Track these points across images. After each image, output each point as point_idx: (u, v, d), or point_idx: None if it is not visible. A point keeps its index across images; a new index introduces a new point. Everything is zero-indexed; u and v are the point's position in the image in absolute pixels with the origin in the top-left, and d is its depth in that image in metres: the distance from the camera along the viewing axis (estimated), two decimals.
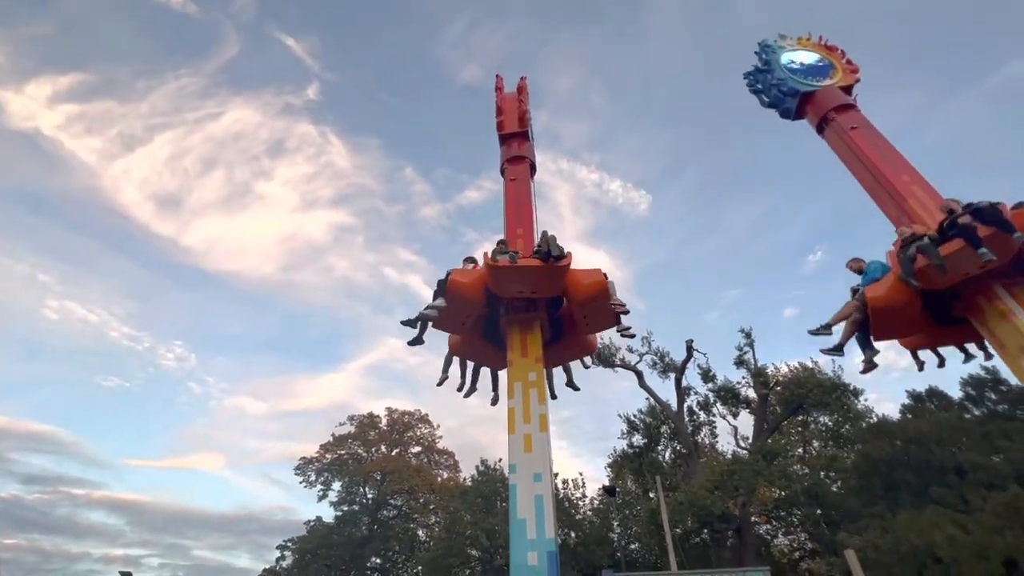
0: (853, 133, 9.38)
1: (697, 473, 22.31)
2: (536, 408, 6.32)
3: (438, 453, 43.22)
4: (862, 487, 19.03)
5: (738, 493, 19.50)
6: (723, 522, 19.20)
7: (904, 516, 14.60)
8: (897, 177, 8.40)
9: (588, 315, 7.37)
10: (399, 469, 38.40)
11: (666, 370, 26.02)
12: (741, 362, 24.48)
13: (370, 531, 37.55)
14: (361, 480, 39.49)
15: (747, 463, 20.34)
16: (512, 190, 9.68)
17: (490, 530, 24.80)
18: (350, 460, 41.07)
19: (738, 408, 25.04)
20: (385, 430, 43.03)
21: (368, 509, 39.09)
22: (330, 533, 36.29)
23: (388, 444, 42.35)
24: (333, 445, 41.26)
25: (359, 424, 42.41)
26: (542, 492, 5.51)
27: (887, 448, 17.73)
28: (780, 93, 11.05)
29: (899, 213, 8.25)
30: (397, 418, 43.67)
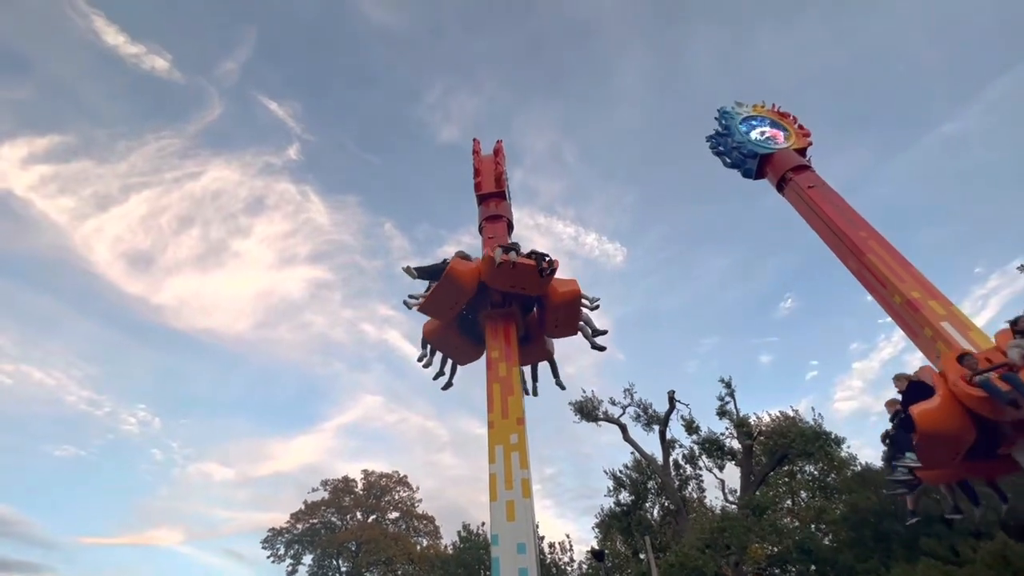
0: (811, 192, 9.98)
1: (687, 530, 21.58)
2: (518, 473, 6.14)
3: (417, 519, 40.93)
4: (853, 540, 18.65)
5: (730, 552, 18.85)
6: None
7: (898, 571, 14.28)
8: (855, 233, 8.87)
9: (560, 320, 8.13)
10: (375, 538, 36.09)
11: (650, 422, 25.71)
12: (723, 412, 24.42)
13: None
14: (334, 551, 36.88)
15: (737, 519, 19.83)
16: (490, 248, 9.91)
17: None
18: (323, 529, 38.51)
19: (723, 460, 24.70)
20: (361, 495, 40.78)
21: None
22: None
23: (364, 510, 40.02)
24: (305, 513, 38.79)
25: (333, 489, 40.18)
26: (526, 565, 5.26)
27: (873, 497, 17.60)
28: (741, 155, 11.79)
29: (859, 266, 8.66)
30: (374, 481, 41.54)
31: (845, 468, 23.91)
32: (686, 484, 26.10)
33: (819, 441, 21.89)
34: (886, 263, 8.23)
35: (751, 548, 19.45)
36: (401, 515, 41.04)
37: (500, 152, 12.33)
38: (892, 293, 7.91)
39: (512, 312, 8.12)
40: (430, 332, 8.49)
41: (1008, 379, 5.32)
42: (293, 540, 37.87)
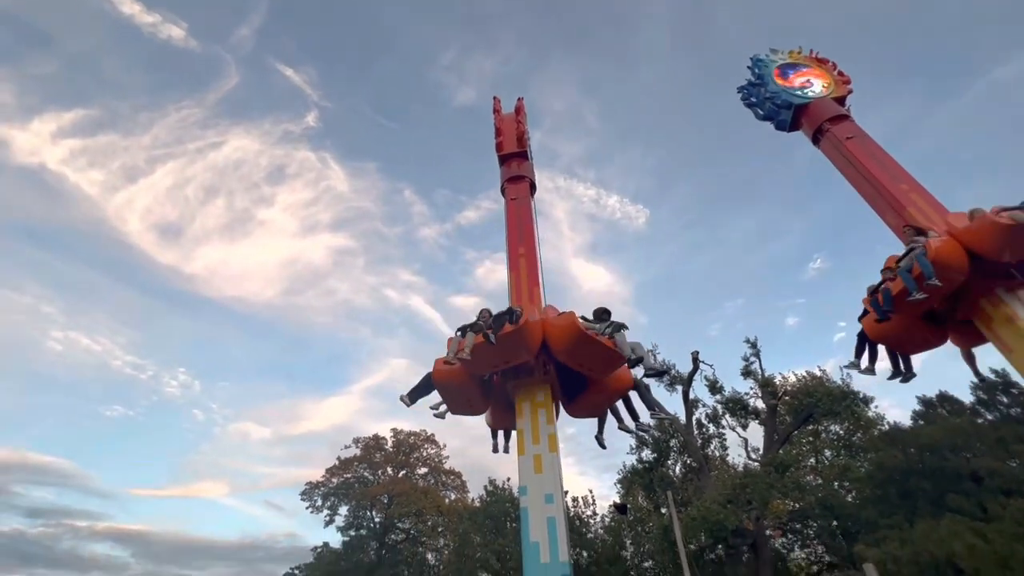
0: (849, 144, 9.50)
1: (709, 487, 22.02)
2: (544, 428, 6.32)
3: (445, 474, 42.75)
4: (877, 497, 18.74)
5: (751, 507, 19.22)
6: (737, 537, 18.89)
7: (922, 526, 14.36)
8: (895, 186, 8.47)
9: (584, 363, 6.76)
10: (406, 492, 37.97)
11: (672, 383, 25.88)
12: (748, 372, 24.36)
13: (378, 556, 36.97)
14: (368, 504, 39.04)
15: (759, 475, 20.09)
16: (513, 210, 9.80)
17: (500, 551, 24.42)
18: (356, 484, 40.65)
19: (747, 419, 24.82)
20: (391, 452, 42.66)
21: (376, 533, 38.56)
22: (338, 559, 35.76)
23: (394, 466, 41.94)
24: (339, 469, 40.91)
25: (364, 447, 42.10)
26: (554, 514, 5.49)
27: (900, 456, 17.52)
28: (774, 106, 11.22)
29: (899, 221, 8.31)
30: (403, 439, 43.32)
31: (872, 428, 23.77)
32: (708, 443, 26.43)
33: (846, 400, 21.74)
34: (928, 217, 7.88)
35: (773, 504, 19.77)
36: (429, 471, 42.92)
37: (521, 110, 12.03)
38: None
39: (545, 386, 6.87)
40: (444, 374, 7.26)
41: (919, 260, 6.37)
42: (329, 493, 40.12)
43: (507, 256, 8.99)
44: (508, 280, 8.72)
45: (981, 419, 18.00)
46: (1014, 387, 17.77)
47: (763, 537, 20.39)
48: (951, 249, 6.51)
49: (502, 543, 24.70)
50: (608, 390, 6.98)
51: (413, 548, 37.86)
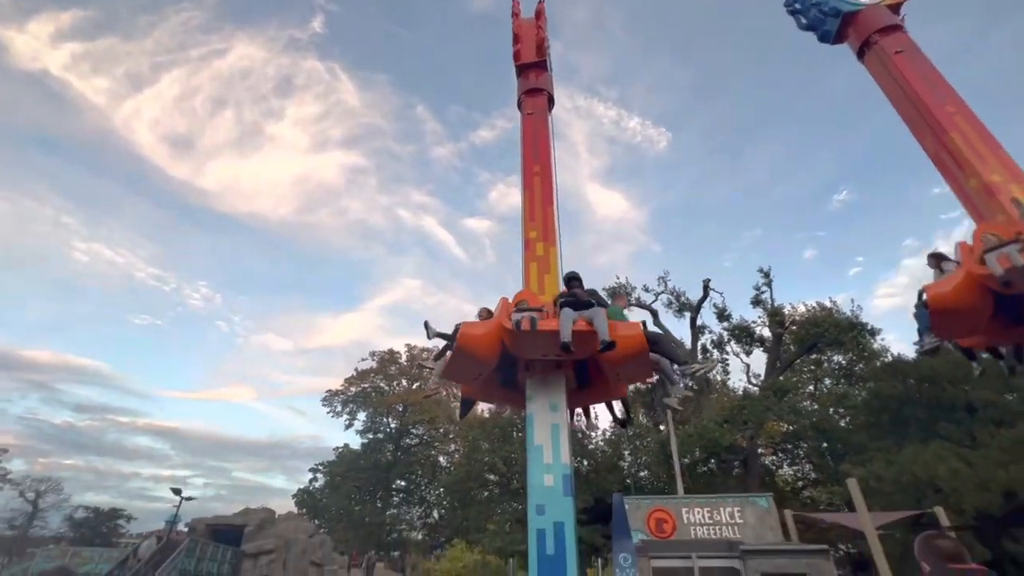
0: (897, 58, 8.71)
1: (708, 408, 23.05)
2: None
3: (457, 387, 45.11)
4: (871, 423, 19.53)
5: (747, 427, 20.21)
6: (730, 453, 20.08)
7: (910, 449, 15.08)
8: (940, 108, 7.87)
9: (621, 373, 6.27)
10: (419, 401, 40.37)
11: (681, 309, 26.22)
12: (758, 301, 24.48)
13: (394, 457, 40.22)
14: (384, 411, 41.76)
15: (757, 399, 20.91)
16: (529, 125, 9.38)
17: (507, 457, 26.36)
18: (373, 393, 43.21)
19: (752, 347, 25.37)
20: (405, 365, 44.78)
21: (392, 437, 41.63)
22: (357, 458, 38.99)
23: (408, 378, 44.24)
24: (357, 379, 43.32)
25: (380, 360, 44.20)
26: (558, 421, 5.82)
27: (899, 386, 17.98)
28: (820, 13, 10.21)
29: (938, 148, 7.83)
30: (417, 354, 45.23)
31: (875, 359, 24.21)
32: None
33: (853, 331, 21.97)
34: (970, 143, 7.39)
35: (768, 425, 20.76)
36: None
37: (542, 15, 11.08)
38: (969, 176, 7.23)
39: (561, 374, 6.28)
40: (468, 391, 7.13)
41: None
42: (348, 400, 42.85)
43: (521, 174, 8.76)
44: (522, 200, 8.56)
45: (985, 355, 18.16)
46: None
47: (755, 454, 21.64)
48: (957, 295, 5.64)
49: (508, 450, 26.59)
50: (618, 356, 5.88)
51: (426, 451, 41.00)
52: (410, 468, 39.41)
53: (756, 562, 11.56)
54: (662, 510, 13.13)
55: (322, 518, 36.11)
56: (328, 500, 37.43)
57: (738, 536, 12.61)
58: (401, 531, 38.48)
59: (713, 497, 13.81)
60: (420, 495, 39.78)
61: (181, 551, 18.75)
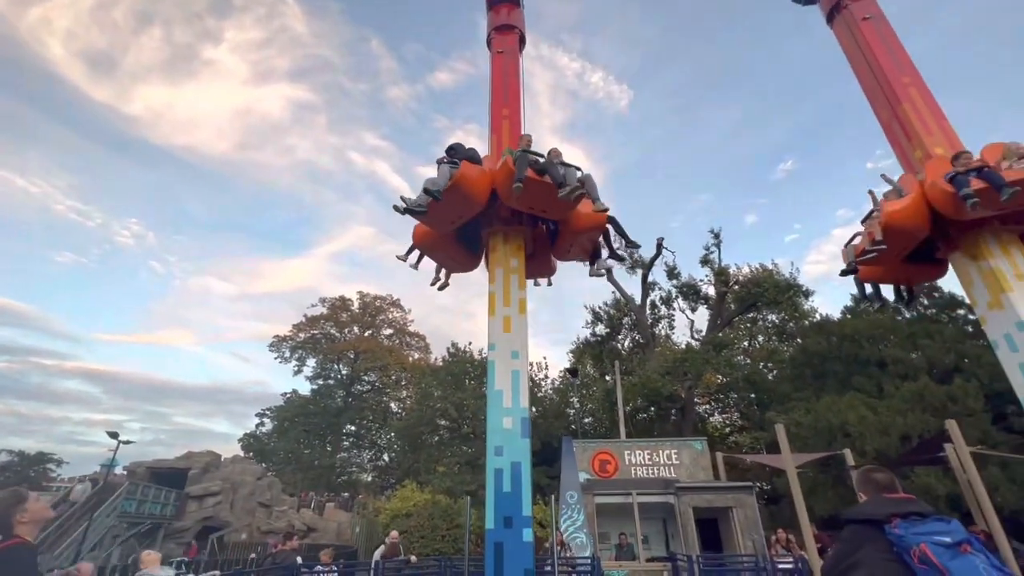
0: (864, 24, 8.82)
1: (652, 360, 24.30)
2: (516, 293, 6.51)
3: (409, 335, 45.07)
4: (795, 375, 21.32)
5: (687, 378, 21.56)
6: (669, 402, 21.46)
7: (827, 399, 16.64)
8: (897, 77, 8.12)
9: (574, 246, 7.16)
10: (372, 349, 40.16)
11: (634, 266, 26.97)
12: (706, 261, 25.52)
13: (345, 403, 40.23)
14: (335, 357, 41.27)
15: (698, 352, 22.23)
16: (499, 64, 8.90)
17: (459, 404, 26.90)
18: (323, 339, 42.46)
19: (697, 304, 26.70)
20: (357, 312, 44.05)
21: (343, 383, 41.46)
22: (307, 404, 38.70)
23: (361, 326, 43.69)
24: (306, 325, 42.28)
25: (331, 306, 43.18)
26: (519, 368, 5.91)
27: (824, 343, 19.56)
28: None
29: (890, 117, 8.14)
30: (369, 302, 44.54)
31: (804, 318, 26.16)
32: (658, 322, 28.58)
33: (789, 292, 23.48)
34: (920, 115, 7.73)
35: (705, 377, 22.22)
36: (395, 332, 45.06)
37: None
38: (915, 147, 7.60)
39: (521, 231, 6.94)
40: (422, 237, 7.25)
41: (987, 176, 6.05)
42: (297, 346, 41.92)
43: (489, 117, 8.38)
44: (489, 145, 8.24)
45: (901, 316, 20.01)
46: (936, 291, 19.54)
47: (691, 404, 23.27)
48: (907, 215, 6.57)
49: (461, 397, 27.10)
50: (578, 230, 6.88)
51: (378, 398, 41.25)
52: (361, 414, 39.64)
53: (688, 497, 12.62)
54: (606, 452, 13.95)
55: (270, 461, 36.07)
56: (276, 444, 37.25)
57: (674, 476, 13.64)
58: (351, 473, 39.12)
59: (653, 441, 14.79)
60: (371, 439, 40.34)
61: (120, 493, 18.22)
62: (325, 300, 43.53)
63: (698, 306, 26.81)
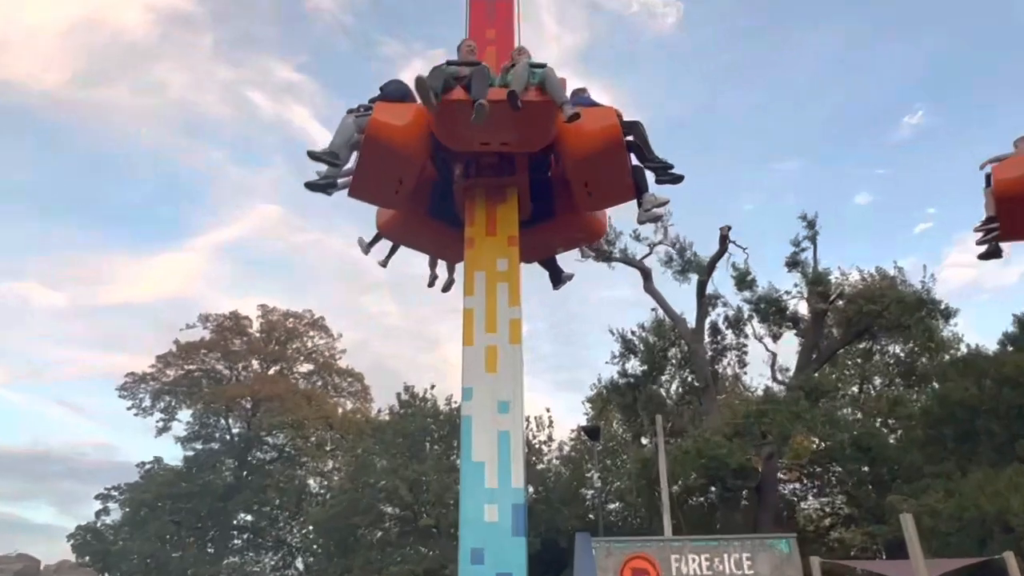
0: None
1: (713, 413, 24.37)
2: (505, 311, 6.50)
3: (339, 374, 44.87)
4: (929, 439, 21.50)
5: (765, 441, 21.64)
6: (739, 478, 21.50)
7: (978, 475, 16.79)
8: None
9: (591, 182, 6.93)
10: (280, 394, 39.83)
11: (685, 269, 27.12)
12: (795, 263, 25.70)
13: (237, 478, 39.77)
14: (222, 408, 40.86)
15: (783, 402, 22.33)
16: None
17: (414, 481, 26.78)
18: (204, 379, 42.06)
19: (782, 328, 26.82)
20: (257, 338, 43.78)
21: (234, 448, 41.02)
22: (177, 479, 38.19)
23: (263, 359, 43.39)
24: (178, 357, 41.87)
25: (217, 328, 42.87)
26: (509, 427, 5.88)
27: (973, 390, 19.78)
28: None
29: None
30: (276, 321, 44.31)
31: (944, 351, 26.43)
32: (722, 355, 28.72)
33: (921, 311, 23.72)
34: None
35: (794, 439, 22.32)
36: (316, 368, 44.83)
37: None
38: None
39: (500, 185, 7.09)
40: (386, 224, 7.84)
41: None
42: (163, 390, 41.47)
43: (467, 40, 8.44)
44: None
45: None
46: None
47: (772, 480, 23.35)
48: None
49: (418, 470, 26.97)
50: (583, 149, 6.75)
51: (289, 470, 40.81)
52: (262, 495, 39.23)
53: None
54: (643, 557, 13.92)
55: (117, 570, 35.40)
56: (128, 543, 36.67)
57: None
58: None
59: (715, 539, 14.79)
60: (277, 535, 39.91)
61: None
62: (208, 318, 43.19)
63: (783, 331, 26.94)
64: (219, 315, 43.50)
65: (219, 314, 43.57)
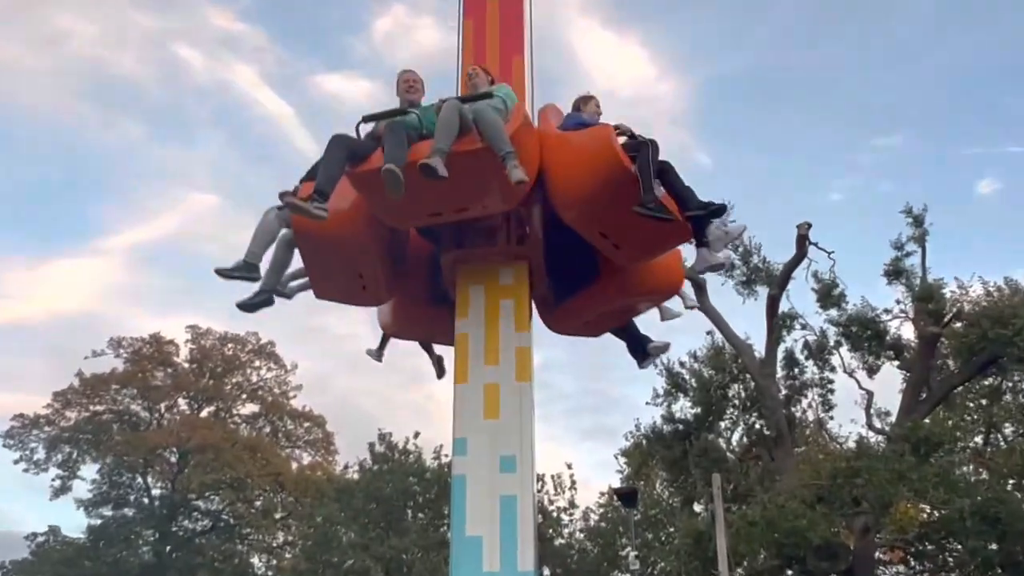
0: None
1: (789, 472, 24.22)
2: (511, 337, 6.53)
3: (293, 417, 44.89)
4: None
5: (860, 510, 21.48)
6: (824, 558, 21.37)
7: None
8: None
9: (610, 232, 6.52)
10: (215, 444, 39.82)
11: (751, 280, 27.08)
12: (896, 272, 25.60)
13: (158, 555, 39.74)
14: (139, 462, 40.95)
15: (882, 458, 22.17)
16: None
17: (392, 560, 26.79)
18: (116, 424, 42.17)
19: (880, 358, 26.68)
20: (187, 369, 43.91)
21: (154, 515, 41.01)
22: (79, 556, 38.26)
23: (193, 397, 43.49)
24: (81, 394, 42.00)
25: (134, 356, 43.03)
26: (514, 490, 5.91)
27: None
28: None
29: None
30: (210, 349, 44.42)
31: None
32: (801, 394, 28.56)
33: None
34: None
35: (897, 507, 22.15)
36: (263, 410, 44.81)
37: None
38: None
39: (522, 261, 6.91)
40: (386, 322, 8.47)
41: None
42: (61, 438, 41.53)
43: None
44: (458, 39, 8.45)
45: None
46: None
47: (869, 560, 23.16)
48: None
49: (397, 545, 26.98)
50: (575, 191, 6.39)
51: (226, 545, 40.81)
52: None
53: None
54: None
55: None
56: None
57: None
58: None
59: None
60: None
61: None
62: (121, 343, 43.40)
63: (881, 363, 26.82)
64: (136, 339, 43.68)
65: (136, 338, 43.78)
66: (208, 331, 44.75)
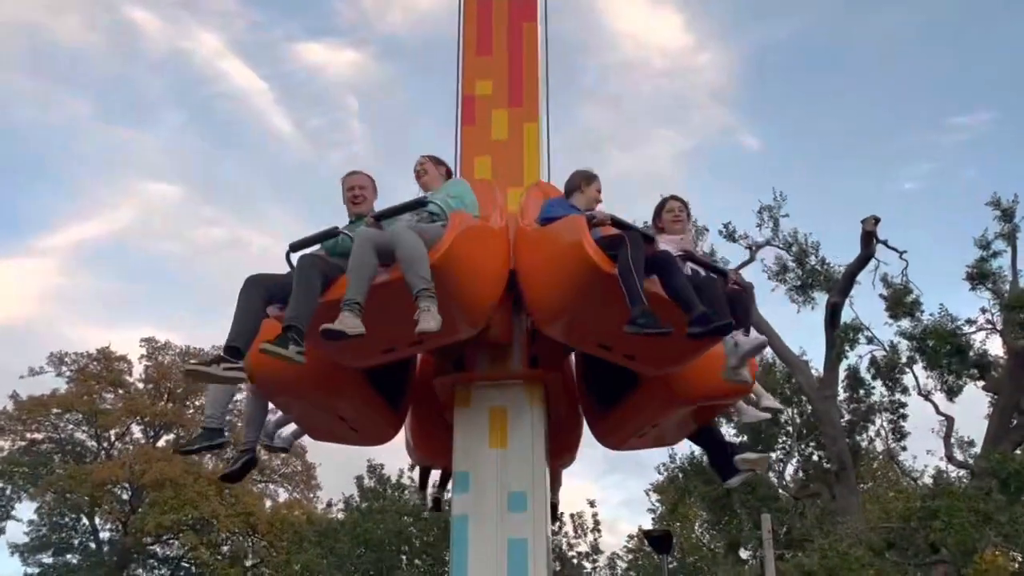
0: None
1: (853, 512, 24.19)
2: None
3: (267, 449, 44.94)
4: None
5: (939, 558, 21.42)
6: None
7: None
8: None
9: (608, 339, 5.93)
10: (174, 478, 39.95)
11: (808, 285, 27.05)
12: (982, 275, 25.53)
13: None
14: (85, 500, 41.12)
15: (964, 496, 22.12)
16: None
17: None
18: (58, 455, 42.37)
19: (962, 378, 26.59)
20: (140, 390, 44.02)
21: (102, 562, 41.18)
22: None
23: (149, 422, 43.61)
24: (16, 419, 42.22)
25: (79, 374, 43.20)
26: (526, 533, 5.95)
27: None
28: None
29: None
30: (169, 365, 44.53)
31: None
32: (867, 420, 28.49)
33: None
34: None
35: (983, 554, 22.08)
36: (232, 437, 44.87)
37: None
38: None
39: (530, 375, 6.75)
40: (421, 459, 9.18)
41: None
42: None
43: None
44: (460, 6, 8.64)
45: None
46: None
47: None
48: None
49: None
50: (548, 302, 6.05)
51: None
52: None
53: None
54: None
55: None
56: None
57: None
58: None
59: None
60: None
61: None
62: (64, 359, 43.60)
63: (963, 383, 26.73)
64: (80, 355, 43.85)
65: (81, 353, 43.95)
66: (166, 345, 44.87)
